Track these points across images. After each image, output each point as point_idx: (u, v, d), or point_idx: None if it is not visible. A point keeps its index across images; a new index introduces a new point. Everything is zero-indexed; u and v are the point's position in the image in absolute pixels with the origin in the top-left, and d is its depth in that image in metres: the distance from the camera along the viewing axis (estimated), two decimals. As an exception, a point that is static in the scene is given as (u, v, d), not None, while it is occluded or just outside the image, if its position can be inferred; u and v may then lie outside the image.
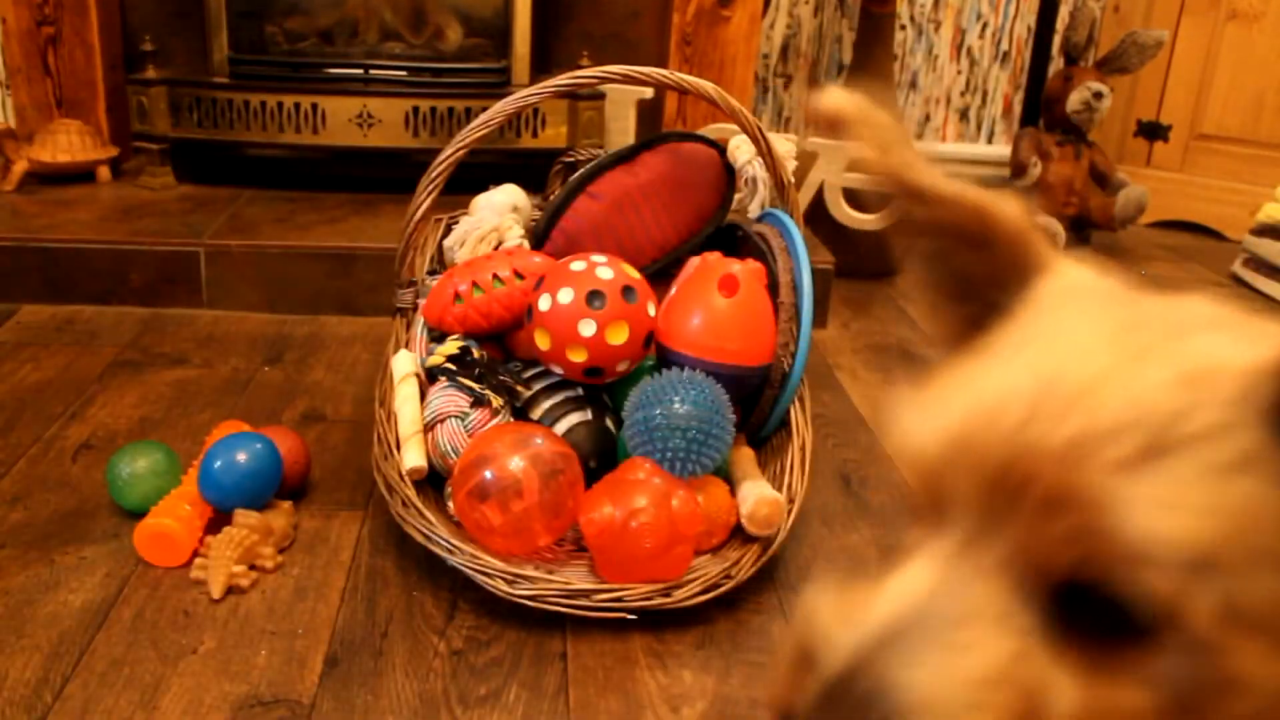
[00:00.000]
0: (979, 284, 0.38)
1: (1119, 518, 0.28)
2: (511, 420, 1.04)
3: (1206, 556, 0.27)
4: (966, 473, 0.31)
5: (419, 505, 0.96)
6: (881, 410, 0.30)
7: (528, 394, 1.06)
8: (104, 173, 1.83)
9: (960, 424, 0.31)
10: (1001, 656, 0.29)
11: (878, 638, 0.30)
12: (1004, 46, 2.49)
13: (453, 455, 1.01)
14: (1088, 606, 0.29)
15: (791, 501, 1.02)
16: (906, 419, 0.33)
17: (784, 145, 1.32)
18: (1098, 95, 2.05)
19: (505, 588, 0.91)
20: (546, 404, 1.05)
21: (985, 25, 2.48)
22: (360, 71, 1.84)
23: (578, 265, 1.02)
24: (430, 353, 1.09)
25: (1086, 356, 0.31)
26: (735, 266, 1.05)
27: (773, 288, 1.08)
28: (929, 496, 0.32)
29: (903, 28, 2.45)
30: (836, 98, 0.38)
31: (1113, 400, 0.30)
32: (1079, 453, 0.29)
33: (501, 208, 1.24)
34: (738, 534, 1.01)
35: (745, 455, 1.08)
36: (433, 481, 1.05)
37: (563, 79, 1.09)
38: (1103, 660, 0.29)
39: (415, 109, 1.77)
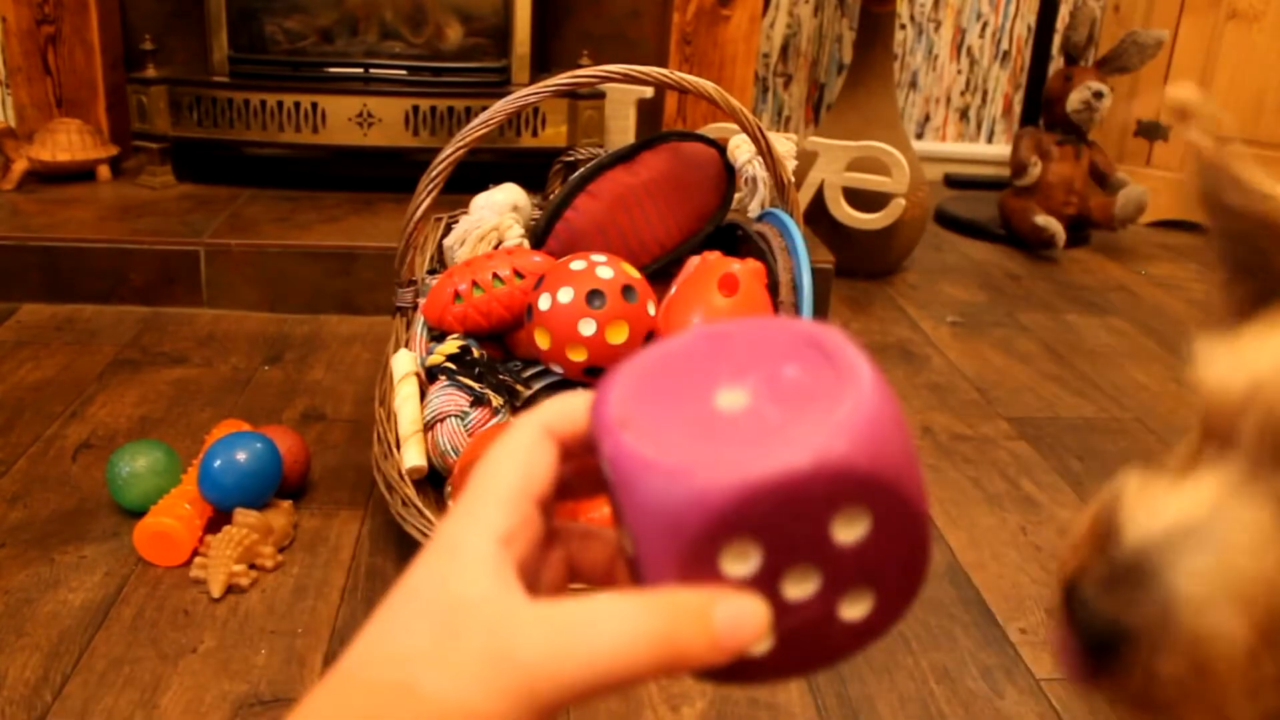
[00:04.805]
0: (1275, 272, 0.42)
1: None
2: (511, 420, 1.04)
3: None
4: (1257, 417, 0.36)
5: (419, 504, 0.96)
6: (1193, 346, 0.38)
7: (528, 393, 1.06)
8: (104, 172, 1.83)
9: (1261, 374, 0.36)
10: (1268, 573, 0.34)
11: (1168, 533, 0.35)
12: (1004, 46, 2.49)
13: (453, 454, 1.01)
14: None
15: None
16: (1218, 360, 0.38)
17: (784, 145, 1.32)
18: (1098, 95, 2.05)
19: (505, 587, 0.91)
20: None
21: (985, 25, 2.48)
22: (360, 71, 1.84)
23: (578, 264, 1.02)
24: (430, 352, 1.09)
25: None
26: (735, 266, 1.05)
27: (773, 287, 1.08)
28: (1221, 429, 0.37)
29: (903, 28, 2.45)
30: (1185, 91, 0.42)
31: None
32: None
33: (501, 207, 1.24)
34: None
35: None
36: (433, 481, 1.05)
37: (563, 78, 1.09)
38: None
39: (415, 108, 1.77)
